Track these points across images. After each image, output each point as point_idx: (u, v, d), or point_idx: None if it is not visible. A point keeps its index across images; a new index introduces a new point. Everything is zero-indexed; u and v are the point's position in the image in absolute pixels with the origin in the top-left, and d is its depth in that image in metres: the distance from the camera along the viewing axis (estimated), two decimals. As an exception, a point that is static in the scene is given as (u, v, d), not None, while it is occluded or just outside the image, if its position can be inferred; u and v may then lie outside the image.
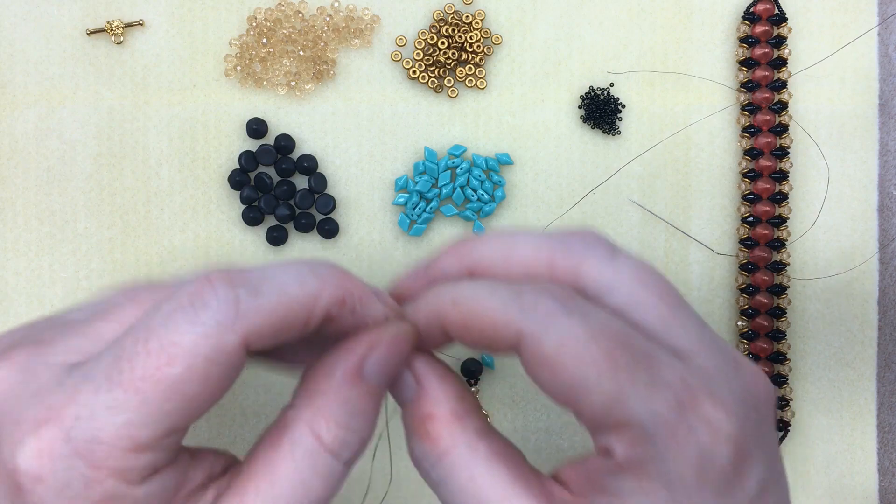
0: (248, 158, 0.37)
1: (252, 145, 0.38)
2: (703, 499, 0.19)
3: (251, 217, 0.37)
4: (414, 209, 0.37)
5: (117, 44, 0.37)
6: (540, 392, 0.22)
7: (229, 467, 0.22)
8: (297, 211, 0.37)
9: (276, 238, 0.37)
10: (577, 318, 0.20)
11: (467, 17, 0.38)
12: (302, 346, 0.22)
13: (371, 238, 0.38)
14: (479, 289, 0.21)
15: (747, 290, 0.37)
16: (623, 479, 0.20)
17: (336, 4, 0.37)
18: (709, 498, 0.19)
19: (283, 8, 0.37)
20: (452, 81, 0.38)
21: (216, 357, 0.19)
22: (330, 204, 0.37)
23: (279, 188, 0.37)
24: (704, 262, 0.38)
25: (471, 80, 0.38)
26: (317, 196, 0.37)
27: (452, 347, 0.23)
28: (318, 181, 0.37)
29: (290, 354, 0.23)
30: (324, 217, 0.37)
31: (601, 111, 0.37)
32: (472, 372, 0.37)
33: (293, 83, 0.37)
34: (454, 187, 0.37)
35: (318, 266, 0.21)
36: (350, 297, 0.21)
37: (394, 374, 0.22)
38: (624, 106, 0.38)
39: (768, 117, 0.37)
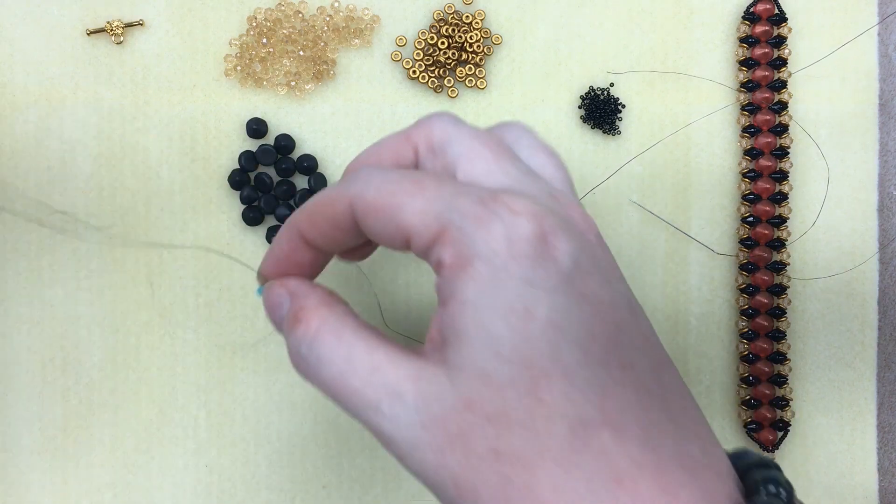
0: (248, 158, 0.37)
1: (252, 145, 0.38)
2: (519, 268, 0.22)
3: (251, 217, 0.37)
4: (414, 209, 0.37)
5: (117, 44, 0.37)
6: None
7: None
8: (297, 211, 0.37)
9: (276, 238, 0.37)
10: (391, 173, 0.24)
11: (467, 17, 0.38)
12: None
13: (371, 238, 0.38)
14: (317, 195, 0.26)
15: (747, 290, 0.37)
16: (455, 278, 0.22)
17: (336, 4, 0.37)
18: (525, 266, 0.22)
19: (283, 8, 0.37)
20: (452, 81, 0.38)
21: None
22: (330, 204, 0.37)
23: (279, 188, 0.37)
24: (704, 262, 0.38)
25: (471, 80, 0.38)
26: (317, 196, 0.37)
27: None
28: (318, 181, 0.37)
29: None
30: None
31: (601, 111, 0.37)
32: None
33: (293, 83, 0.37)
34: (454, 187, 0.37)
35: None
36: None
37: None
38: (624, 106, 0.38)
39: (768, 117, 0.37)
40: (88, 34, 0.37)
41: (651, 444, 0.21)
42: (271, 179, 0.37)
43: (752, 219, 0.37)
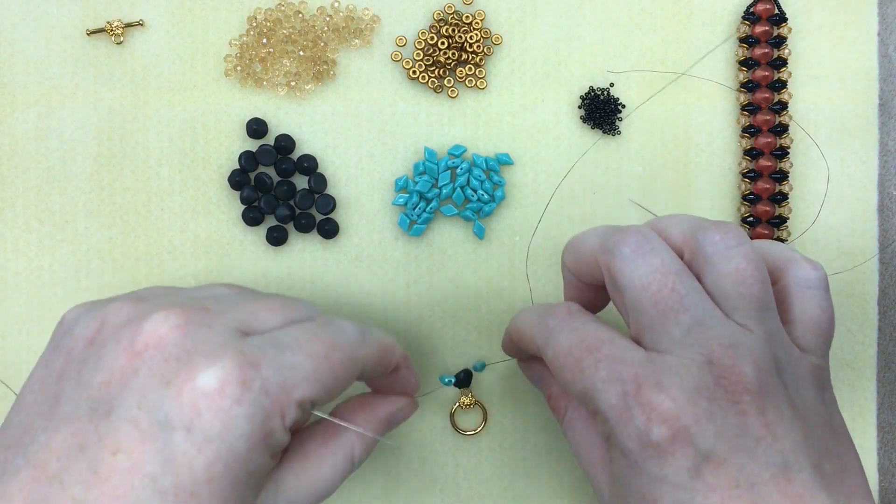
0: (248, 158, 0.37)
1: (252, 145, 0.38)
2: (647, 465, 0.25)
3: (251, 217, 0.37)
4: (414, 209, 0.37)
5: (117, 44, 0.37)
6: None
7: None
8: (297, 211, 0.37)
9: (276, 238, 0.37)
10: (564, 333, 0.28)
11: (467, 17, 0.38)
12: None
13: (371, 238, 0.38)
14: (523, 314, 0.32)
15: (747, 290, 0.37)
16: (608, 448, 0.27)
17: (336, 4, 0.37)
18: (652, 465, 0.25)
19: (283, 8, 0.37)
20: (452, 81, 0.38)
21: (356, 357, 0.28)
22: (330, 204, 0.37)
23: (279, 188, 0.37)
24: (704, 262, 0.38)
25: (471, 80, 0.38)
26: (317, 196, 0.37)
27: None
28: (318, 181, 0.37)
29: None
30: (324, 217, 0.37)
31: (601, 111, 0.37)
32: (461, 381, 0.37)
33: (293, 83, 0.37)
34: (454, 187, 0.37)
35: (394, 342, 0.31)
36: (404, 362, 0.31)
37: (398, 423, 0.32)
38: (624, 106, 0.38)
39: (768, 117, 0.37)
40: (88, 34, 0.37)
41: None
42: (271, 179, 0.37)
43: (752, 219, 0.37)
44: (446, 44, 0.37)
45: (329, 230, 0.37)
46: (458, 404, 0.37)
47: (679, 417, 0.25)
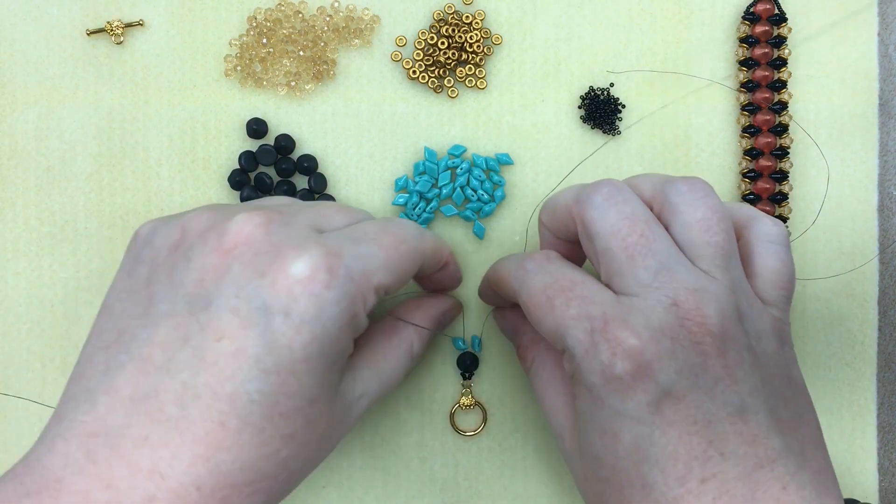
0: (248, 159, 0.37)
1: (252, 145, 0.38)
2: (609, 399, 0.26)
3: (251, 217, 0.37)
4: (414, 209, 0.37)
5: (117, 44, 0.37)
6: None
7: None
8: (297, 211, 0.37)
9: (276, 238, 0.37)
10: (538, 275, 0.29)
11: (467, 17, 0.38)
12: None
13: (371, 238, 0.38)
14: (502, 261, 0.33)
15: (747, 290, 0.37)
16: (573, 386, 0.28)
17: (336, 4, 0.37)
18: (614, 399, 0.26)
19: (283, 8, 0.37)
20: (452, 81, 0.38)
21: (419, 249, 0.30)
22: (330, 204, 0.37)
23: (279, 188, 0.37)
24: (704, 262, 0.38)
25: (471, 80, 0.38)
26: (317, 196, 0.37)
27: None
28: (318, 181, 0.37)
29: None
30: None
31: (601, 111, 0.37)
32: (467, 365, 0.37)
33: (293, 83, 0.37)
34: (454, 187, 0.37)
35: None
36: (451, 258, 0.34)
37: (448, 322, 0.36)
38: (624, 106, 0.38)
39: (768, 117, 0.37)
40: (88, 34, 0.37)
41: None
42: (271, 179, 0.37)
43: (752, 219, 0.37)
44: (446, 44, 0.37)
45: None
46: (457, 405, 0.37)
47: (642, 353, 0.26)
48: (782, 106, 0.37)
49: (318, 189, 0.37)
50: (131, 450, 0.24)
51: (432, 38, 0.37)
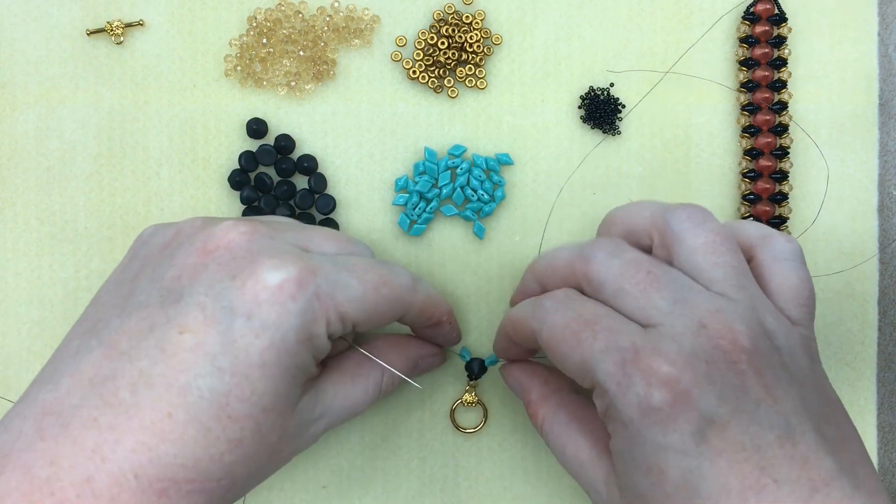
0: (248, 158, 0.37)
1: (252, 145, 0.38)
2: (650, 433, 0.25)
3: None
4: (414, 209, 0.37)
5: (117, 44, 0.37)
6: None
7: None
8: (298, 211, 0.37)
9: (276, 238, 0.37)
10: (560, 311, 0.28)
11: (467, 17, 0.38)
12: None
13: (371, 238, 0.38)
14: (516, 307, 0.32)
15: (747, 290, 0.37)
16: (607, 423, 0.27)
17: (336, 4, 0.37)
18: (655, 432, 0.25)
19: (283, 8, 0.37)
20: (452, 81, 0.38)
21: (402, 299, 0.30)
22: (330, 204, 0.37)
23: (279, 188, 0.37)
24: (704, 262, 0.38)
25: (471, 80, 0.38)
26: (317, 196, 0.37)
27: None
28: (318, 181, 0.37)
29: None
30: (324, 217, 0.37)
31: (601, 111, 0.37)
32: (473, 370, 0.37)
33: (293, 83, 0.37)
34: (454, 187, 0.37)
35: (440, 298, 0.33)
36: (447, 318, 0.34)
37: (426, 369, 0.36)
38: (624, 106, 0.38)
39: (768, 117, 0.37)
40: (88, 34, 0.37)
41: None
42: (271, 180, 0.37)
43: (752, 219, 0.37)
44: (446, 44, 0.37)
45: None
46: (459, 401, 0.37)
47: (679, 381, 0.25)
48: (782, 106, 0.37)
49: (318, 189, 0.37)
50: (79, 430, 0.24)
51: (432, 38, 0.37)
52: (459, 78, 0.38)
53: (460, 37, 0.37)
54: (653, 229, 0.29)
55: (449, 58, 0.37)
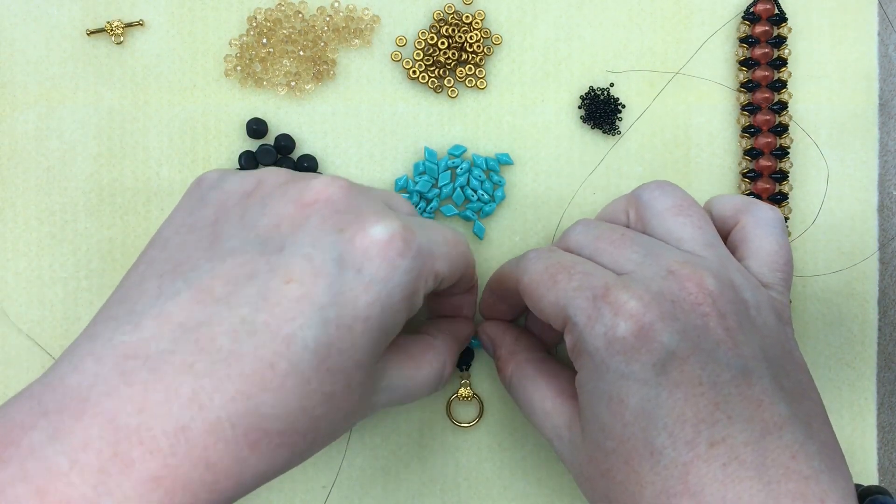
0: (248, 158, 0.37)
1: (252, 145, 0.38)
2: (614, 362, 0.26)
3: (251, 217, 0.37)
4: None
5: (117, 44, 0.37)
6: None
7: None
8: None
9: (276, 238, 0.37)
10: (541, 260, 0.30)
11: (467, 17, 0.38)
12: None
13: (371, 238, 0.38)
14: (503, 265, 0.34)
15: (747, 290, 0.37)
16: (574, 361, 0.28)
17: (336, 4, 0.37)
18: (619, 362, 0.26)
19: (283, 8, 0.37)
20: (452, 81, 0.38)
21: (468, 257, 0.31)
22: (330, 204, 0.37)
23: (279, 188, 0.37)
24: (704, 262, 0.38)
25: (471, 80, 0.38)
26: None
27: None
28: (318, 181, 0.37)
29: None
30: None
31: (601, 111, 0.37)
32: (462, 358, 0.37)
33: (293, 83, 0.37)
34: (454, 187, 0.37)
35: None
36: (477, 285, 0.35)
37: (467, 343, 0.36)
38: (624, 106, 0.38)
39: (768, 117, 0.37)
40: (88, 34, 0.37)
41: None
42: (271, 179, 0.37)
43: (752, 219, 0.37)
44: (446, 44, 0.37)
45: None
46: (455, 396, 0.37)
47: (644, 314, 0.26)
48: (782, 106, 0.37)
49: (318, 189, 0.37)
50: (172, 375, 0.23)
51: (432, 38, 0.37)
52: (459, 78, 0.38)
53: (460, 37, 0.37)
54: (629, 207, 0.31)
55: (449, 58, 0.37)
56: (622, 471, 0.26)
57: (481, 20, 0.38)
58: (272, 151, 0.37)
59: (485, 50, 0.38)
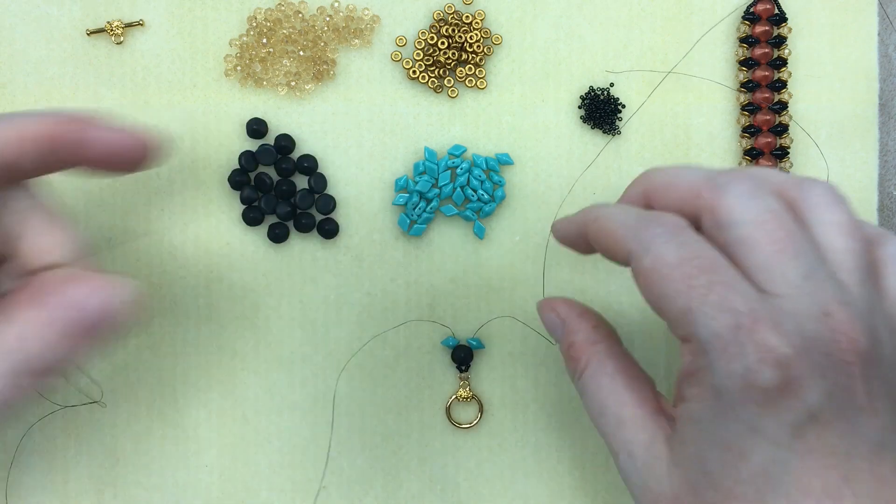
0: (248, 159, 0.37)
1: (252, 145, 0.38)
2: (746, 412, 0.23)
3: (251, 217, 0.37)
4: (414, 209, 0.37)
5: (117, 44, 0.37)
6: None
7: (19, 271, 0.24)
8: (298, 211, 0.37)
9: (278, 235, 0.37)
10: (673, 244, 0.24)
11: (467, 17, 0.38)
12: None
13: (371, 238, 0.38)
14: (613, 211, 0.27)
15: (747, 290, 0.37)
16: (687, 384, 0.24)
17: (336, 4, 0.37)
18: (752, 413, 0.23)
19: (283, 8, 0.37)
20: (452, 81, 0.38)
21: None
22: (330, 204, 0.37)
23: (279, 188, 0.37)
24: (704, 262, 0.38)
25: (471, 80, 0.38)
26: (317, 196, 0.37)
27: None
28: (318, 181, 0.37)
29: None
30: (324, 217, 0.37)
31: (601, 111, 0.37)
32: (462, 359, 0.37)
33: (293, 83, 0.37)
34: (454, 187, 0.37)
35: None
36: (68, 132, 0.26)
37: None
38: (624, 106, 0.38)
39: (768, 117, 0.37)
40: (88, 34, 0.37)
41: None
42: (271, 179, 0.37)
43: (752, 219, 0.37)
44: (446, 44, 0.37)
45: (329, 230, 0.37)
46: (454, 397, 0.37)
47: (793, 366, 0.22)
48: (782, 106, 0.37)
49: (318, 189, 0.37)
50: None
51: (432, 38, 0.37)
52: (459, 78, 0.38)
53: (460, 37, 0.37)
54: (782, 194, 0.26)
55: (449, 58, 0.37)
56: None
57: (481, 20, 0.38)
58: (272, 151, 0.37)
59: (485, 50, 0.38)
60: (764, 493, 0.23)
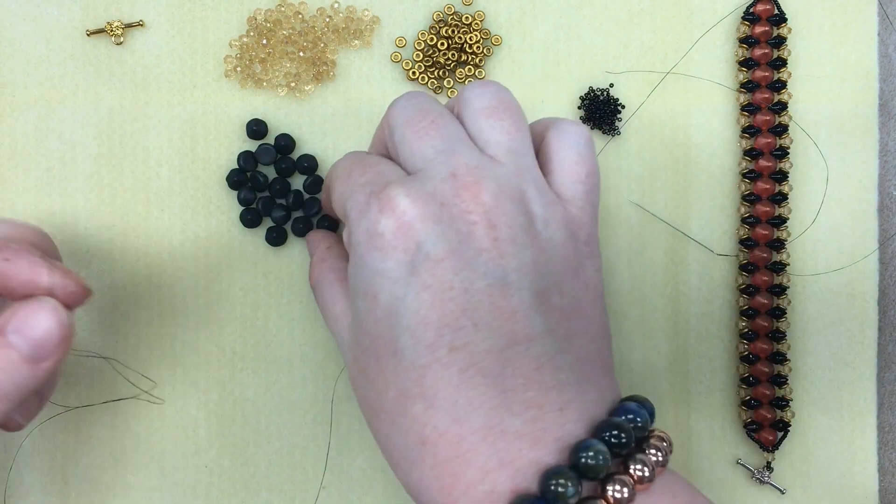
0: (246, 158, 0.37)
1: (252, 146, 0.38)
2: (371, 258, 0.26)
3: (248, 219, 0.37)
4: (414, 209, 0.37)
5: (117, 44, 0.37)
6: None
7: None
8: (294, 215, 0.37)
9: (276, 238, 0.37)
10: (349, 157, 0.30)
11: (467, 17, 0.38)
12: None
13: (371, 238, 0.38)
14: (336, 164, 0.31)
15: (747, 291, 0.37)
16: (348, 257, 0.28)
17: (336, 5, 0.38)
18: (376, 259, 0.26)
19: (282, 9, 0.37)
20: (452, 82, 0.38)
21: None
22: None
23: (273, 187, 0.37)
24: (704, 263, 0.38)
25: (470, 80, 0.38)
26: (316, 196, 0.37)
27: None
28: (318, 182, 0.37)
29: None
30: (321, 217, 0.37)
31: (601, 111, 0.37)
32: None
33: (293, 84, 0.37)
34: (454, 187, 0.37)
35: None
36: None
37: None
38: (624, 106, 0.38)
39: (768, 118, 0.37)
40: (88, 34, 0.37)
41: (458, 418, 0.24)
42: (266, 178, 0.37)
43: (751, 219, 0.37)
44: (446, 45, 0.37)
45: (329, 230, 0.37)
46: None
47: (406, 213, 0.26)
48: (782, 106, 0.37)
49: (317, 189, 0.37)
50: None
51: (432, 39, 0.37)
52: (459, 79, 0.38)
53: (460, 38, 0.37)
54: (455, 103, 0.30)
55: (449, 59, 0.37)
56: (373, 370, 0.27)
57: (481, 21, 0.38)
58: (272, 150, 0.37)
59: (484, 51, 0.38)
60: (393, 329, 0.26)
